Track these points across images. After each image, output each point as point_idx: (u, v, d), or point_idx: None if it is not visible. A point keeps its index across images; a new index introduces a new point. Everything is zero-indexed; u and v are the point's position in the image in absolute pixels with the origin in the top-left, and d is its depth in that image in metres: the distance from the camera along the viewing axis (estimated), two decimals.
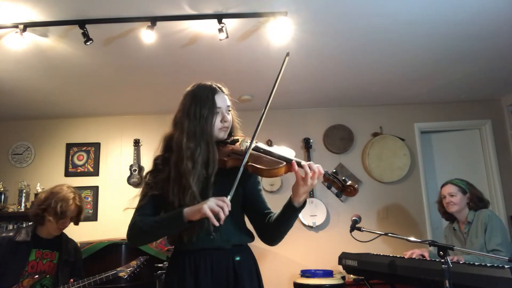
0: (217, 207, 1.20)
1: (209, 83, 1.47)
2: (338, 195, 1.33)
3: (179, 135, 1.39)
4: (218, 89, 1.45)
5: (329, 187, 1.32)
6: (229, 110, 1.46)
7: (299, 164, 1.28)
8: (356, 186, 1.29)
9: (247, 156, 1.30)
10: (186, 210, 1.25)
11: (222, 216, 1.19)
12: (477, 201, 2.66)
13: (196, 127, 1.37)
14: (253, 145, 1.35)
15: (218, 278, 1.36)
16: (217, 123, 1.41)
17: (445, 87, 3.82)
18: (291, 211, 1.33)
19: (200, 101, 1.40)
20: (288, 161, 1.30)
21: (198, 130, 1.37)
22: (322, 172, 1.28)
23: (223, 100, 1.43)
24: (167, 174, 1.39)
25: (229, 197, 1.24)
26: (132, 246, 1.44)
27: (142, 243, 1.45)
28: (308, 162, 1.28)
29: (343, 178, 1.30)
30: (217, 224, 1.19)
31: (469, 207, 2.67)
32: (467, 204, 2.68)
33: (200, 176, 1.34)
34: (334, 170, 1.32)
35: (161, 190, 1.40)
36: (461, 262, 2.18)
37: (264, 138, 4.14)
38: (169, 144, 1.45)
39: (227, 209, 1.20)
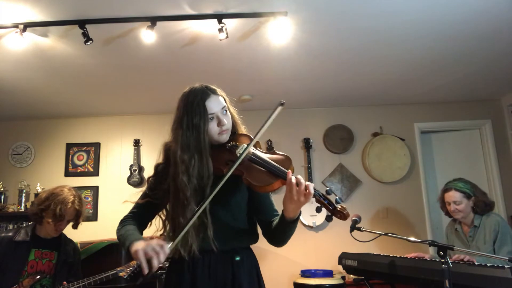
0: (151, 252, 1.13)
1: (199, 87, 1.40)
2: (327, 220, 1.24)
3: (174, 147, 1.37)
4: (209, 92, 1.37)
5: (318, 210, 1.25)
6: (226, 111, 1.40)
7: (289, 179, 1.22)
8: (346, 212, 1.21)
9: (234, 166, 1.26)
10: (132, 245, 1.23)
11: (155, 265, 1.12)
12: (482, 206, 2.57)
13: (189, 138, 1.34)
14: (245, 154, 1.29)
15: (215, 278, 1.36)
16: (214, 128, 1.36)
17: (445, 87, 3.82)
18: (284, 224, 1.31)
19: (191, 110, 1.34)
20: (283, 177, 1.25)
21: (192, 141, 1.33)
22: (312, 191, 1.20)
23: (216, 104, 1.37)
24: (167, 186, 1.38)
25: (170, 244, 1.19)
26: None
27: None
28: (297, 176, 1.21)
29: (335, 198, 1.22)
30: (145, 272, 1.12)
31: (474, 211, 2.59)
32: (472, 209, 2.60)
33: (197, 187, 1.33)
34: (327, 189, 1.23)
35: (160, 201, 1.42)
36: (476, 264, 2.11)
37: (264, 139, 4.14)
38: (168, 153, 1.44)
39: (163, 256, 1.14)
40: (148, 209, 1.45)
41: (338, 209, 1.21)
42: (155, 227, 1.46)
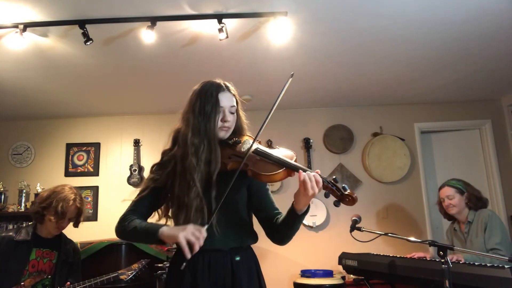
0: (193, 238, 1.18)
1: (217, 80, 1.46)
2: (336, 204, 1.27)
3: (185, 130, 1.40)
4: (224, 87, 1.43)
5: (326, 196, 1.28)
6: (233, 112, 1.44)
7: (296, 170, 1.27)
8: (354, 195, 1.24)
9: (243, 162, 1.30)
10: (163, 230, 1.26)
11: (197, 248, 1.18)
12: (475, 201, 2.65)
13: (200, 123, 1.37)
14: (252, 149, 1.34)
15: (215, 278, 1.36)
16: (218, 122, 1.40)
17: (445, 87, 3.82)
18: (294, 217, 1.33)
19: (204, 98, 1.39)
20: (288, 166, 1.29)
21: (202, 127, 1.37)
22: (320, 181, 1.24)
23: (227, 99, 1.42)
24: (172, 168, 1.40)
25: (206, 226, 1.23)
26: (118, 238, 1.45)
27: (125, 239, 1.49)
28: (308, 173, 1.25)
29: (343, 186, 1.26)
30: (189, 257, 1.18)
31: (468, 207, 2.67)
32: (466, 204, 2.67)
33: (203, 173, 1.35)
34: (334, 177, 1.28)
35: (165, 184, 1.42)
36: (461, 262, 2.18)
37: (264, 139, 4.14)
38: (176, 138, 1.47)
39: (203, 240, 1.20)
40: (156, 197, 1.45)
41: (346, 193, 1.24)
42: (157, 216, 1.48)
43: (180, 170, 1.37)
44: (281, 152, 1.38)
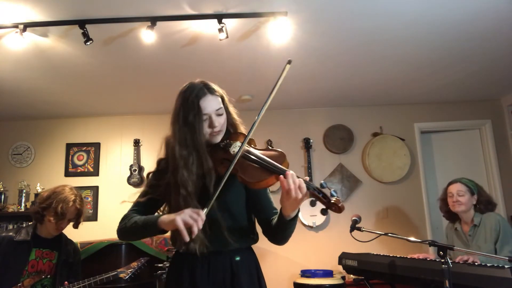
0: (190, 220, 1.14)
1: (198, 83, 1.39)
2: (323, 213, 1.21)
3: (173, 141, 1.37)
4: (205, 91, 1.36)
5: (312, 205, 1.25)
6: (221, 113, 1.38)
7: (281, 178, 1.20)
8: (340, 204, 1.17)
9: (231, 167, 1.26)
10: (161, 219, 1.25)
11: (195, 230, 1.13)
12: (486, 204, 2.59)
13: (186, 134, 1.33)
14: (240, 153, 1.29)
15: (215, 279, 1.35)
16: (206, 129, 1.35)
17: (445, 87, 3.82)
18: (283, 222, 1.30)
19: (187, 107, 1.33)
20: (276, 172, 1.23)
21: (189, 138, 1.33)
22: (304, 187, 1.18)
23: (211, 104, 1.35)
24: (168, 180, 1.37)
25: (205, 210, 1.19)
26: (120, 239, 1.43)
27: (127, 239, 1.46)
28: (291, 173, 1.19)
29: (330, 192, 1.18)
30: (187, 239, 1.14)
31: (476, 209, 2.61)
32: (473, 206, 2.61)
33: (198, 185, 1.32)
34: (321, 183, 1.20)
35: (162, 196, 1.41)
36: (476, 264, 2.12)
37: (264, 139, 4.14)
38: (168, 147, 1.44)
39: (201, 223, 1.15)
40: (150, 205, 1.44)
41: (332, 201, 1.18)
42: None
43: (173, 184, 1.34)
44: (272, 154, 1.32)
